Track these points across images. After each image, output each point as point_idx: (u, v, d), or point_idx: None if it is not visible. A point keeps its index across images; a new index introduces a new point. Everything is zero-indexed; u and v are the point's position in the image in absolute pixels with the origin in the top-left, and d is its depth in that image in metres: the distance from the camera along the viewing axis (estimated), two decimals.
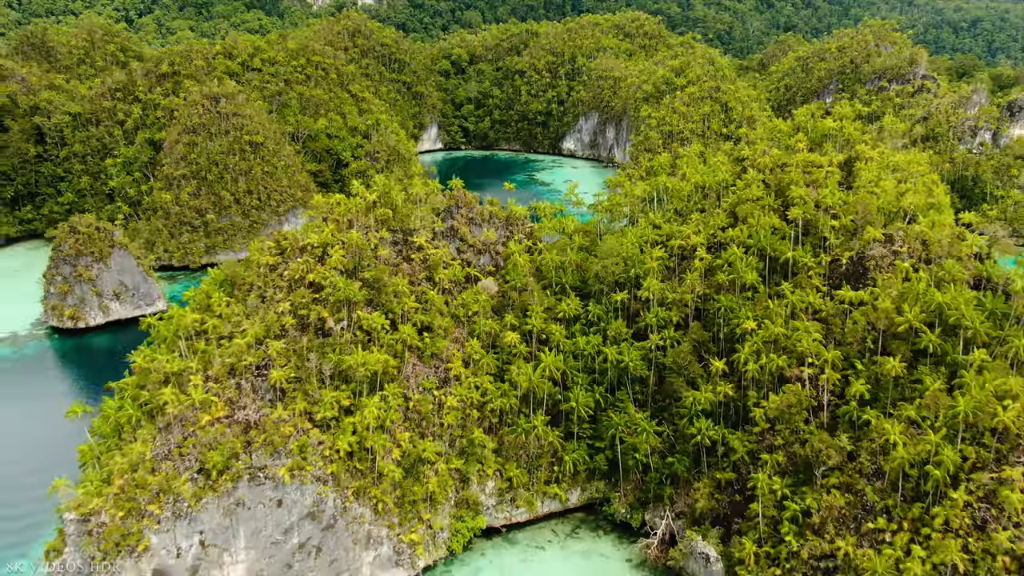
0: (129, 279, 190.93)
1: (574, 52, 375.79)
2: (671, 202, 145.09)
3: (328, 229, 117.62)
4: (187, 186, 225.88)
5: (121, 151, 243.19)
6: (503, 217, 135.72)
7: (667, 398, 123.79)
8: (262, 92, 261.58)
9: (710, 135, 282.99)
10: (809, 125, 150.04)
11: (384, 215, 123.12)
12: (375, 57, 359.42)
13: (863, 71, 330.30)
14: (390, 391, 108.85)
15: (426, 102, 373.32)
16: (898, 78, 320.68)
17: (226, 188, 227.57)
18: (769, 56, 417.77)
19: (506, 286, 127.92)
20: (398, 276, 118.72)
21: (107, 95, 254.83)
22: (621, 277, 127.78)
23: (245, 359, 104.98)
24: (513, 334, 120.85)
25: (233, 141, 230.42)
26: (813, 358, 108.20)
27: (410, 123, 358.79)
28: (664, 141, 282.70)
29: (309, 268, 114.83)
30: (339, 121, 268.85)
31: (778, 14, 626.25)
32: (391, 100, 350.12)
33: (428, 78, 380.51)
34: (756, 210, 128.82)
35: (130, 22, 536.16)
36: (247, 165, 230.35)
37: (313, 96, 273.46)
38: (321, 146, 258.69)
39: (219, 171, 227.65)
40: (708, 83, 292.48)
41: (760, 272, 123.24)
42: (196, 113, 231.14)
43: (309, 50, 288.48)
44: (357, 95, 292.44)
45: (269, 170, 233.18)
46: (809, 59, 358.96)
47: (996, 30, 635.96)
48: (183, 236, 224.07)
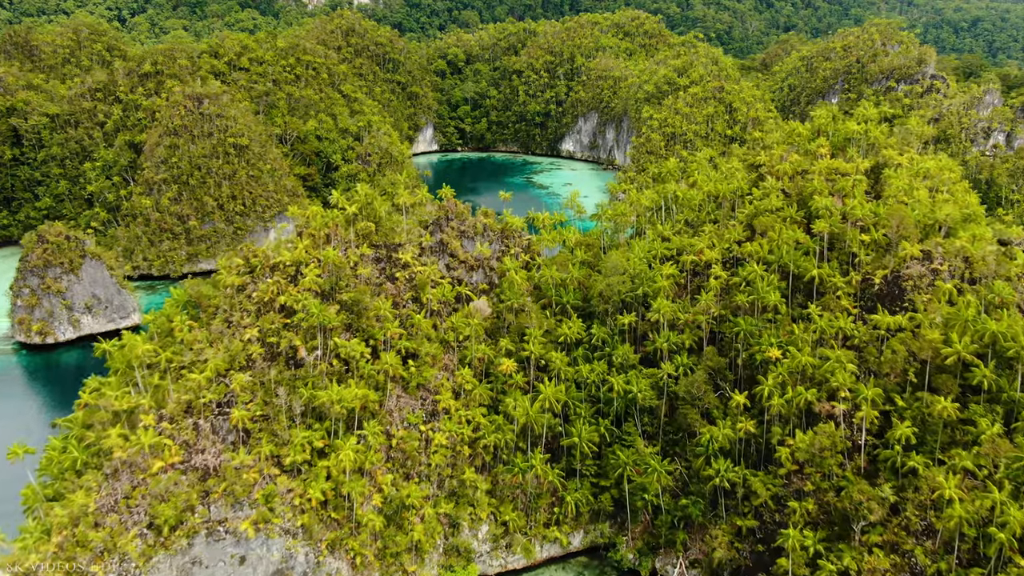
0: (102, 291, 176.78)
1: (573, 51, 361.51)
2: (681, 212, 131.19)
3: (302, 245, 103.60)
4: (168, 191, 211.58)
5: (100, 154, 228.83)
6: (498, 229, 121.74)
7: (679, 431, 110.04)
8: (249, 92, 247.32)
9: (714, 137, 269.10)
10: (830, 128, 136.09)
11: (366, 229, 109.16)
12: (369, 57, 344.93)
13: (870, 71, 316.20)
14: (370, 429, 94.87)
15: (421, 103, 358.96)
16: (906, 78, 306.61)
17: (209, 193, 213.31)
18: (771, 56, 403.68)
19: (501, 306, 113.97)
20: (380, 298, 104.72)
21: (87, 95, 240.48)
22: (628, 296, 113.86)
23: (204, 395, 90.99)
24: (509, 362, 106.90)
25: (217, 144, 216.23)
26: (846, 391, 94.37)
27: (405, 124, 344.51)
28: (666, 143, 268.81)
29: (280, 289, 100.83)
30: (330, 123, 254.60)
31: (777, 14, 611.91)
32: (385, 101, 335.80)
33: (423, 78, 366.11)
34: (776, 222, 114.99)
35: (123, 21, 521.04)
36: (231, 169, 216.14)
37: (303, 97, 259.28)
38: (310, 148, 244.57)
39: (202, 175, 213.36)
40: (712, 83, 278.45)
41: (782, 292, 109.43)
42: (178, 114, 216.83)
43: (299, 49, 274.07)
44: (349, 95, 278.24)
45: (254, 174, 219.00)
46: (813, 59, 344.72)
47: (996, 30, 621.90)
48: (163, 244, 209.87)
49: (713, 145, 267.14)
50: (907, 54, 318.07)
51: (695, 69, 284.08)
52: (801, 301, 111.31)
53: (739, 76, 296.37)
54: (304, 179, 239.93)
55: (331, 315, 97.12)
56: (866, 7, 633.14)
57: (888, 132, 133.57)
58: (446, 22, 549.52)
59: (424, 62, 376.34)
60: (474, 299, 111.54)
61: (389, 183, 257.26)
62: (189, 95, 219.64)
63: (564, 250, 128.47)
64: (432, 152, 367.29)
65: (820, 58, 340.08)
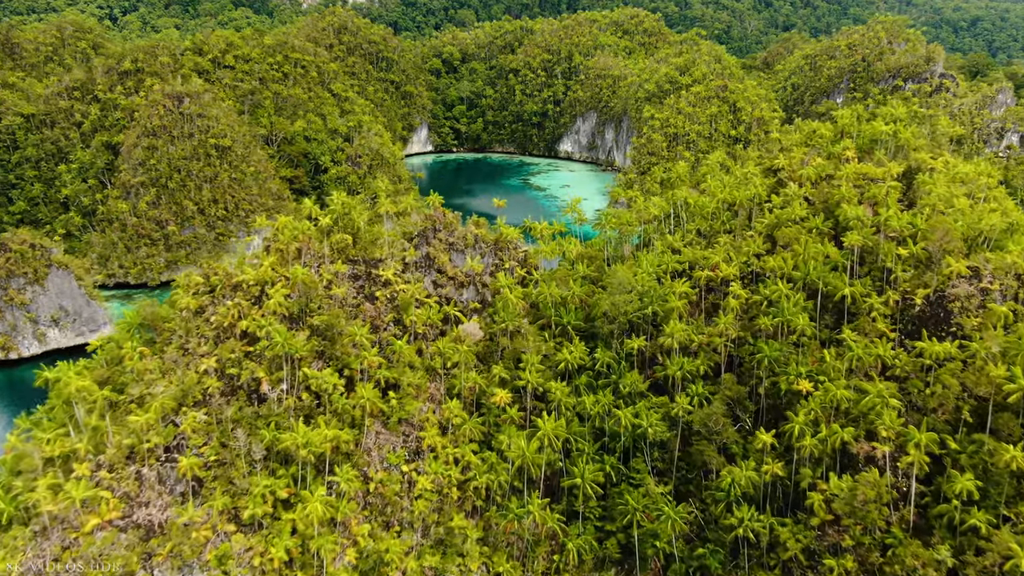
0: (70, 302, 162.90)
1: (571, 50, 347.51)
2: (692, 220, 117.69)
3: (267, 262, 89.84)
4: (146, 195, 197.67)
5: (77, 156, 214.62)
6: (491, 241, 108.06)
7: (694, 468, 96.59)
8: (234, 91, 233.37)
9: (717, 137, 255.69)
10: (853, 129, 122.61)
11: (342, 242, 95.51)
12: (362, 55, 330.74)
13: (876, 69, 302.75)
14: (343, 475, 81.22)
15: (416, 102, 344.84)
16: (914, 77, 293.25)
17: (189, 197, 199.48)
18: (773, 55, 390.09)
19: (494, 327, 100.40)
20: (357, 321, 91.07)
21: (64, 94, 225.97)
22: (635, 317, 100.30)
23: (150, 438, 77.37)
24: (503, 392, 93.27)
25: (197, 145, 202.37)
26: (889, 431, 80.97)
27: (398, 125, 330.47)
28: (668, 144, 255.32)
29: (242, 313, 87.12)
30: (319, 123, 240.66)
31: (776, 13, 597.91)
32: (378, 100, 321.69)
33: (418, 77, 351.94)
34: (801, 234, 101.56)
35: (114, 20, 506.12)
36: (212, 171, 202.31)
37: (291, 96, 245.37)
38: (298, 150, 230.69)
39: (181, 178, 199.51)
40: (715, 82, 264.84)
41: (809, 312, 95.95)
42: (156, 114, 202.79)
43: (287, 46, 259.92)
44: (339, 95, 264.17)
45: (237, 177, 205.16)
46: (817, 57, 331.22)
47: (996, 30, 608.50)
48: (141, 250, 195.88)
49: (717, 146, 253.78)
50: (914, 52, 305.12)
51: (697, 67, 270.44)
52: (829, 322, 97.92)
53: (743, 75, 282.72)
54: (291, 182, 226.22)
55: (299, 343, 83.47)
56: (865, 6, 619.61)
57: (918, 133, 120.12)
58: (442, 21, 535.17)
59: (419, 61, 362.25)
60: (464, 321, 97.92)
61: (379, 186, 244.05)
62: (169, 94, 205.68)
63: (564, 263, 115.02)
64: (427, 153, 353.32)
65: (824, 56, 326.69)
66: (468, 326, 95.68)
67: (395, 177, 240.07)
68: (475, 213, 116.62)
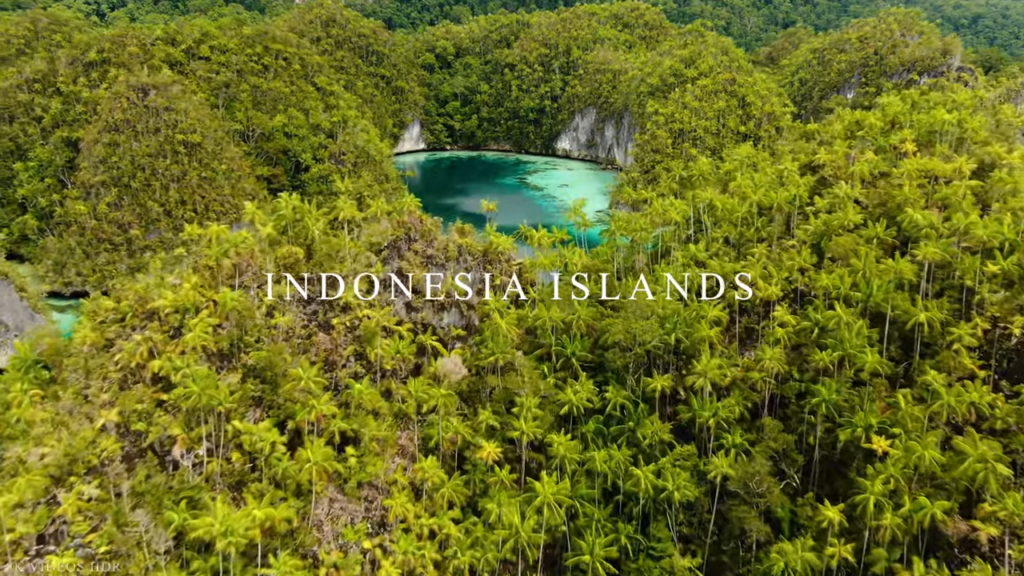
0: (10, 317, 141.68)
1: (569, 44, 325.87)
2: (718, 226, 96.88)
3: (190, 283, 68.81)
4: (106, 195, 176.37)
5: (36, 153, 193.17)
6: (479, 252, 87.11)
7: (731, 537, 75.96)
8: (208, 84, 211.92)
9: (726, 133, 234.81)
10: (904, 118, 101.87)
11: (290, 257, 74.58)
12: (351, 49, 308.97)
13: (889, 63, 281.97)
14: (279, 568, 60.34)
15: (407, 98, 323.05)
16: (929, 70, 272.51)
17: (154, 198, 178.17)
18: (778, 49, 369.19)
19: (482, 360, 79.57)
20: (306, 358, 70.14)
21: (24, 87, 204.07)
22: (656, 347, 79.51)
23: (14, 526, 56.46)
24: (491, 445, 72.49)
25: (164, 141, 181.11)
26: (997, 506, 60.33)
27: (389, 121, 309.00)
28: (673, 140, 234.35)
29: (154, 350, 66.14)
30: (300, 118, 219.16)
31: (776, 10, 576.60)
32: (368, 96, 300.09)
33: (410, 72, 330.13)
34: (859, 245, 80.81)
35: (102, 16, 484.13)
36: (180, 169, 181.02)
37: (271, 89, 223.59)
38: (277, 147, 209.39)
39: (145, 177, 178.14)
40: (722, 75, 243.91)
41: (871, 341, 75.29)
42: (119, 107, 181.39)
43: (268, 37, 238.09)
44: (324, 88, 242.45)
45: (208, 175, 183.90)
46: (826, 51, 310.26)
47: (997, 27, 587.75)
48: (100, 256, 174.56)
49: (725, 143, 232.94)
50: (929, 45, 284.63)
51: (703, 60, 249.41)
52: (895, 354, 77.21)
53: (751, 68, 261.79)
54: (269, 181, 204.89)
55: (225, 391, 62.50)
56: (865, 3, 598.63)
57: (984, 123, 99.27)
58: (437, 17, 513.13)
59: (411, 55, 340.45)
60: (444, 353, 76.95)
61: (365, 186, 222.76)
62: (133, 85, 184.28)
63: (566, 277, 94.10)
64: (419, 151, 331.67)
65: (833, 50, 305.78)
66: (448, 361, 74.82)
67: (381, 176, 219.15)
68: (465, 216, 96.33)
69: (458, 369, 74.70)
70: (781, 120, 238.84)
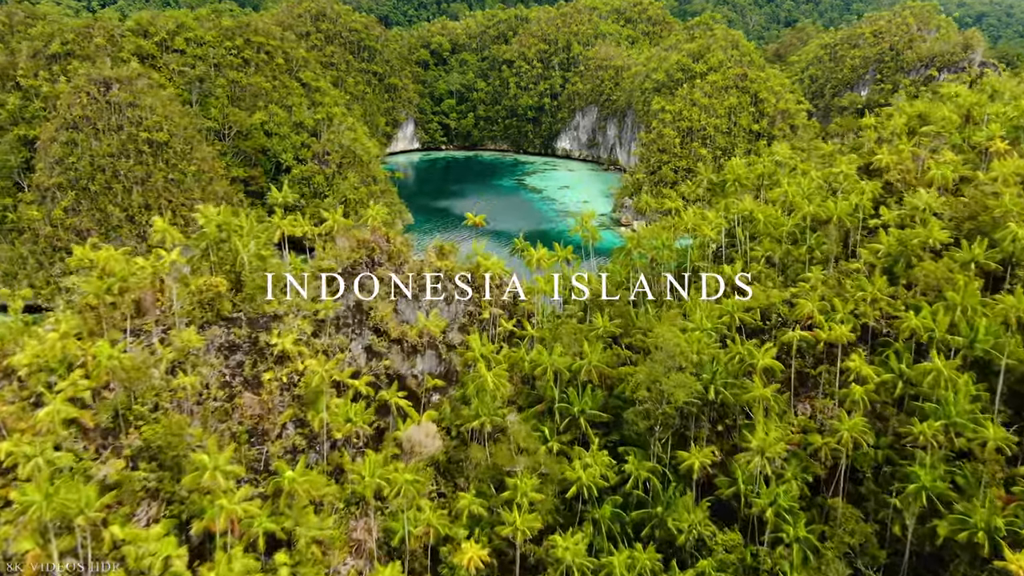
0: None
1: (569, 39, 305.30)
2: (758, 242, 77.22)
3: (60, 329, 49.00)
4: (63, 199, 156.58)
5: None
6: (463, 276, 67.37)
7: None
8: (183, 78, 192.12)
9: (737, 132, 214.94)
10: (977, 112, 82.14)
11: (210, 290, 54.81)
12: (341, 44, 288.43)
13: (906, 58, 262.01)
14: None
15: (401, 96, 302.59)
16: (950, 66, 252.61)
17: (115, 202, 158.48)
18: (786, 46, 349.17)
19: (463, 422, 59.91)
20: (220, 432, 50.39)
21: None
22: (693, 407, 59.84)
23: None
24: (474, 548, 52.75)
25: (127, 139, 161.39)
26: None
27: (381, 120, 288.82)
28: (682, 139, 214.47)
29: (1, 428, 46.39)
30: (282, 115, 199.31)
31: (778, 8, 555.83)
32: (359, 93, 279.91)
33: (403, 69, 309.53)
34: (953, 272, 61.16)
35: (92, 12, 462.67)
36: (144, 171, 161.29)
37: (251, 84, 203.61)
38: (254, 145, 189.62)
39: (106, 179, 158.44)
40: (733, 70, 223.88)
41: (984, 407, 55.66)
42: (79, 103, 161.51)
43: (250, 29, 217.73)
44: (310, 84, 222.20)
45: (175, 177, 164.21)
46: (838, 46, 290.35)
47: (1002, 25, 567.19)
48: (55, 266, 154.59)
49: (737, 142, 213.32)
50: (948, 39, 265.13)
51: (713, 54, 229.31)
52: (1006, 416, 57.60)
53: (763, 63, 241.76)
54: (246, 183, 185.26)
55: (87, 494, 42.75)
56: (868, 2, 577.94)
57: None
58: (434, 15, 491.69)
59: (405, 51, 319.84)
60: (413, 417, 57.20)
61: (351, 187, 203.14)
62: (94, 79, 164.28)
63: (572, 307, 74.45)
64: (413, 151, 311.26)
65: (846, 45, 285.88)
66: (418, 431, 55.20)
67: (369, 177, 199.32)
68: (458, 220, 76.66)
69: (431, 440, 55.12)
70: (796, 118, 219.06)
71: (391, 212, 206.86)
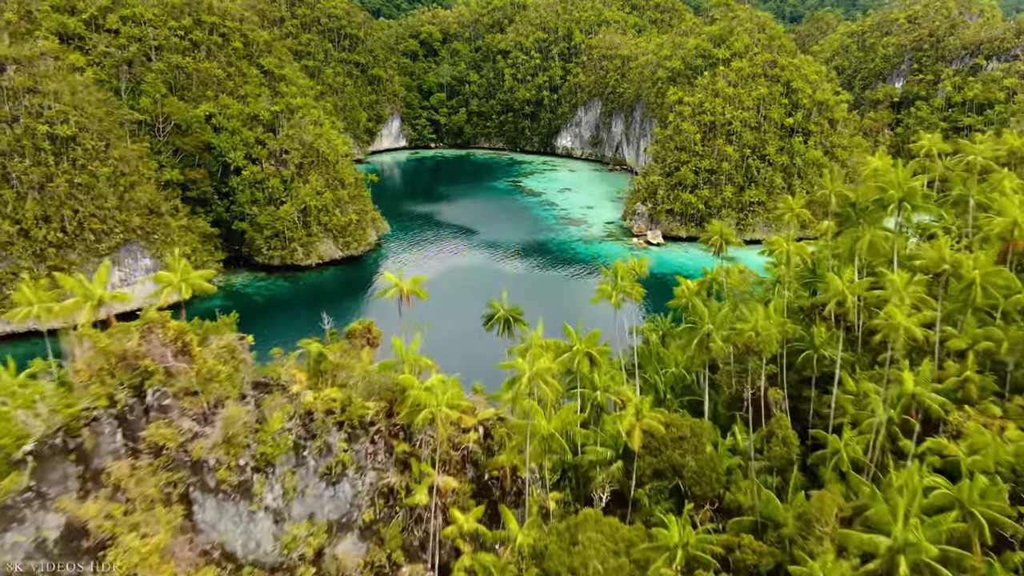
0: None
1: (570, 27, 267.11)
2: (964, 322, 39.25)
3: None
4: None
5: None
6: (367, 414, 29.00)
7: None
8: (110, 60, 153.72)
9: (767, 127, 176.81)
10: None
11: None
12: (319, 32, 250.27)
13: (948, 45, 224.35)
14: None
15: (386, 89, 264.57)
16: (999, 54, 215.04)
17: (5, 212, 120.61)
18: (803, 36, 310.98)
19: None
20: None
21: None
22: None
23: None
24: None
25: (23, 134, 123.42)
26: None
27: (363, 114, 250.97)
28: (704, 135, 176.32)
29: None
30: (235, 107, 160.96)
31: (783, 3, 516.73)
32: (338, 86, 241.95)
33: (388, 59, 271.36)
34: None
35: None
36: (44, 173, 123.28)
37: (199, 71, 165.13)
38: (197, 142, 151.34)
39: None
40: (761, 55, 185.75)
41: None
42: None
43: (201, 7, 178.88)
44: (273, 72, 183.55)
45: (86, 181, 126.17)
46: (867, 34, 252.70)
47: None
48: None
49: (768, 139, 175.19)
50: (994, 25, 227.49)
51: (737, 38, 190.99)
52: None
53: (795, 48, 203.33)
54: (184, 188, 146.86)
55: None
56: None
57: None
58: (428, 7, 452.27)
59: (391, 41, 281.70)
60: None
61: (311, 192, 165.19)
62: None
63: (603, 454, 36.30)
64: (399, 149, 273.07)
65: (877, 33, 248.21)
66: None
67: (335, 180, 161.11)
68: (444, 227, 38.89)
69: None
70: (835, 111, 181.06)
71: (361, 221, 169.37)
